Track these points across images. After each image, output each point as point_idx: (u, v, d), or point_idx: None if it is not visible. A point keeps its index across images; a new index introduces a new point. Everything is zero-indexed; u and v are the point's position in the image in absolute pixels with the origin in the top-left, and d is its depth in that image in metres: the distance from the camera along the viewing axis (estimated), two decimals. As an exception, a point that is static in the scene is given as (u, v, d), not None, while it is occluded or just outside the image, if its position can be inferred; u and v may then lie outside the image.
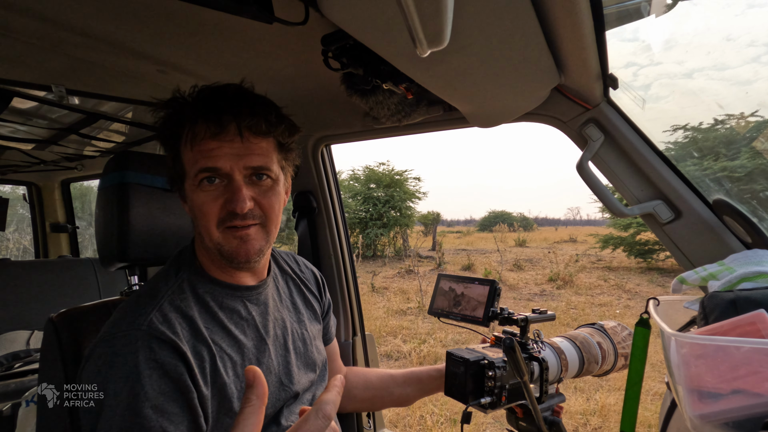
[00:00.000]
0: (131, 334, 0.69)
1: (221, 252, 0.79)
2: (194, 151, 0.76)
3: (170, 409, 0.67)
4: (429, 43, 0.41)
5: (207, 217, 0.77)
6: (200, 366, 0.73)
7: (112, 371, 0.66)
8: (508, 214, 31.64)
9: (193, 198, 0.78)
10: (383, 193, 14.12)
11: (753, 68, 1.54)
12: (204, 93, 0.79)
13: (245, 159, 0.76)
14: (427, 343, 5.64)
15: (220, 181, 0.76)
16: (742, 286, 0.66)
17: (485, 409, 0.83)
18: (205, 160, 0.74)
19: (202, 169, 0.75)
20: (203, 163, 0.75)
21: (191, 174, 0.77)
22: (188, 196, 0.79)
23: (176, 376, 0.69)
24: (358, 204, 14.02)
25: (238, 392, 0.77)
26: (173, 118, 0.79)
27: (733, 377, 0.51)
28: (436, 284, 1.06)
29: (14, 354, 1.94)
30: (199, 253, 0.86)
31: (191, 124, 0.76)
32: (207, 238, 0.79)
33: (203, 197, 0.76)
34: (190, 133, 0.76)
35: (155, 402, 0.66)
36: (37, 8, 0.77)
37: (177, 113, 0.78)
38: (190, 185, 0.78)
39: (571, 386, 4.27)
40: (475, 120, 1.11)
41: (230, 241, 0.78)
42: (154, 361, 0.68)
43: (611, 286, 8.89)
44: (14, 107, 1.40)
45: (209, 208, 0.76)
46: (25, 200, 3.12)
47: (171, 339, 0.70)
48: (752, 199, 1.22)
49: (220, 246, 0.78)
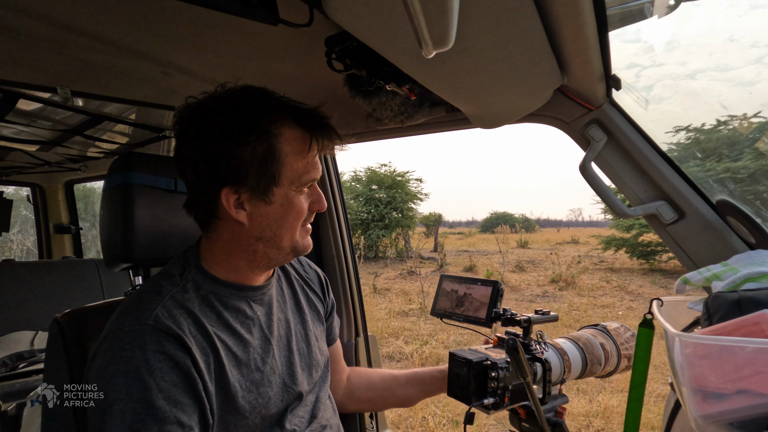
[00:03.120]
0: (138, 329, 0.69)
1: (296, 247, 0.86)
2: (310, 162, 0.82)
3: (182, 400, 0.68)
4: (434, 44, 0.41)
5: (301, 218, 0.84)
6: (205, 362, 0.74)
7: (121, 365, 0.67)
8: (510, 215, 31.57)
9: (294, 201, 0.82)
10: (385, 194, 14.12)
11: (756, 69, 1.54)
12: (312, 111, 0.83)
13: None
14: (429, 344, 5.63)
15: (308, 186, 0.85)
16: (746, 286, 0.66)
17: (488, 410, 0.83)
18: (315, 172, 0.83)
19: (314, 179, 0.84)
20: (315, 175, 0.83)
21: (299, 181, 0.81)
22: (278, 200, 0.80)
23: (185, 368, 0.70)
24: (360, 205, 14.03)
25: (241, 391, 0.77)
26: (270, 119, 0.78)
27: (737, 377, 0.51)
28: (439, 285, 1.06)
29: (18, 354, 1.95)
30: (211, 253, 0.85)
31: (317, 137, 0.81)
32: (289, 237, 0.84)
33: (303, 201, 0.84)
34: (314, 145, 0.81)
35: (167, 393, 0.66)
36: (42, 11, 0.77)
37: (284, 118, 0.79)
38: (288, 191, 0.81)
39: (574, 387, 4.26)
40: (478, 121, 1.11)
41: (304, 237, 0.87)
42: (163, 354, 0.68)
43: (614, 288, 8.87)
44: (19, 109, 1.41)
45: (305, 210, 0.84)
46: (29, 201, 3.13)
47: (177, 333, 0.71)
48: (756, 200, 1.21)
49: (297, 243, 0.85)
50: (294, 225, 0.83)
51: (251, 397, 0.78)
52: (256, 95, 0.80)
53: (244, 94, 0.79)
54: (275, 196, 0.80)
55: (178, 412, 0.67)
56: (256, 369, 0.81)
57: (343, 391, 1.16)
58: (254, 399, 0.79)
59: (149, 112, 1.55)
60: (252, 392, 0.79)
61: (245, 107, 0.77)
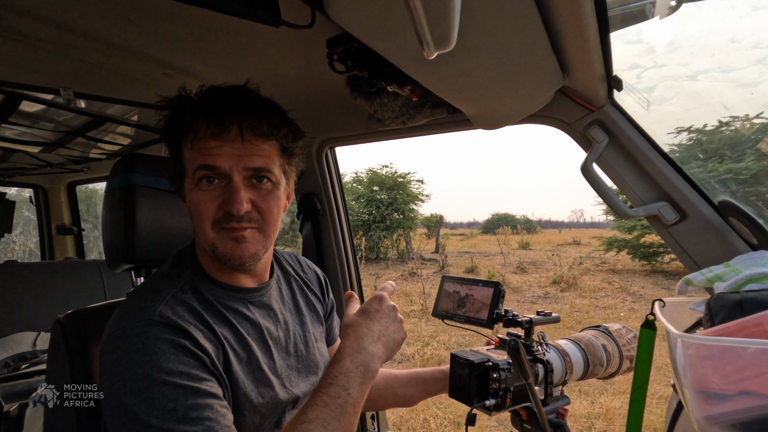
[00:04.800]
0: (144, 324, 0.69)
1: (215, 253, 0.78)
2: (194, 149, 0.76)
3: (204, 376, 0.68)
4: (436, 45, 0.41)
5: (203, 216, 0.76)
6: (215, 353, 0.74)
7: (136, 356, 0.66)
8: (511, 216, 31.53)
9: (190, 197, 0.78)
10: (386, 195, 14.12)
11: (758, 70, 1.54)
12: (208, 93, 0.79)
13: (245, 160, 0.76)
14: (430, 345, 5.62)
15: (218, 181, 0.76)
16: (748, 287, 0.66)
17: (489, 412, 0.83)
18: (204, 158, 0.74)
19: (201, 166, 0.75)
20: (202, 161, 0.75)
21: (190, 172, 0.77)
22: (186, 195, 0.80)
23: (197, 354, 0.70)
24: (362, 206, 14.03)
25: (243, 387, 0.77)
26: (176, 116, 0.79)
27: (740, 378, 0.51)
28: (440, 286, 1.06)
29: (21, 355, 1.96)
30: (199, 254, 0.86)
31: (193, 123, 0.76)
32: (202, 239, 0.79)
33: (200, 196, 0.76)
34: (192, 131, 0.76)
35: (189, 374, 0.67)
36: (45, 13, 0.78)
37: (180, 112, 0.78)
38: (188, 184, 0.78)
39: (576, 389, 4.24)
40: (479, 122, 1.11)
41: (225, 242, 0.77)
42: (175, 341, 0.68)
43: (615, 289, 8.85)
44: (22, 110, 1.42)
45: (206, 208, 0.76)
46: (32, 203, 3.14)
47: (183, 327, 0.71)
48: (758, 200, 1.21)
49: (214, 246, 0.78)
50: (199, 224, 0.78)
51: (253, 395, 0.78)
52: (201, 93, 0.80)
53: (196, 94, 0.80)
54: (184, 191, 0.81)
55: (204, 385, 0.67)
56: (257, 368, 0.81)
57: (343, 392, 1.15)
58: (255, 398, 0.79)
59: (151, 113, 1.56)
60: (253, 390, 0.79)
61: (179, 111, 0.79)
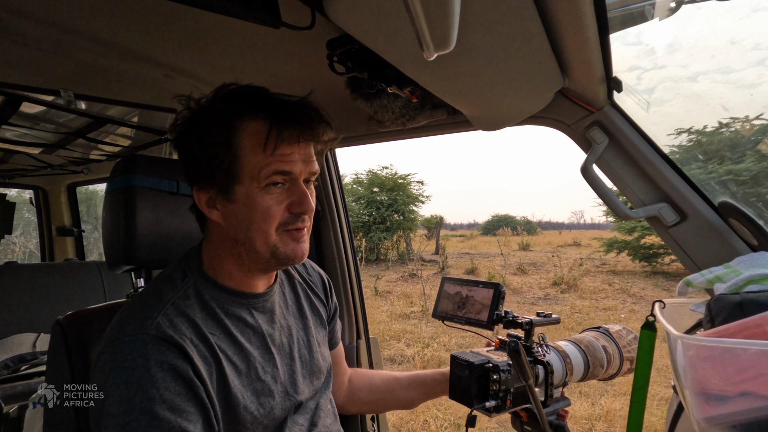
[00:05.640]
0: (139, 338, 0.69)
1: (276, 254, 0.79)
2: (267, 153, 0.74)
3: (187, 408, 0.68)
4: (436, 46, 0.41)
5: (270, 219, 0.76)
6: (207, 371, 0.73)
7: (123, 376, 0.66)
8: (511, 217, 31.53)
9: (254, 201, 0.76)
10: (386, 196, 14.13)
11: (758, 71, 1.55)
12: (268, 95, 0.78)
13: (309, 165, 0.79)
14: (430, 347, 5.61)
15: (282, 185, 0.77)
16: (748, 288, 0.66)
17: (490, 413, 0.83)
18: (281, 164, 0.75)
19: (278, 172, 0.75)
20: (279, 167, 0.75)
21: (260, 176, 0.75)
22: (240, 199, 0.76)
23: (188, 377, 0.69)
24: (362, 208, 14.04)
25: (243, 401, 0.76)
26: (238, 117, 0.76)
27: (740, 380, 0.51)
28: (441, 287, 1.06)
29: (20, 356, 1.96)
30: (211, 257, 0.84)
31: (270, 128, 0.74)
32: (261, 242, 0.78)
33: (269, 200, 0.76)
34: (267, 136, 0.74)
35: (171, 403, 0.66)
36: (46, 15, 0.78)
37: (246, 114, 0.76)
38: (250, 188, 0.75)
39: (576, 390, 4.24)
40: (479, 123, 1.11)
41: (288, 243, 0.79)
42: (166, 364, 0.68)
43: (616, 290, 8.84)
44: (23, 112, 1.42)
45: (275, 211, 0.76)
46: (32, 204, 3.14)
47: (179, 343, 0.70)
48: (758, 202, 1.21)
49: (275, 248, 0.78)
50: (262, 227, 0.77)
51: (253, 407, 0.77)
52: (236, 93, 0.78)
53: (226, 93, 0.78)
54: (237, 195, 0.77)
55: (184, 421, 0.66)
56: (257, 379, 0.80)
57: (344, 394, 1.15)
58: (256, 409, 0.78)
59: (151, 114, 1.56)
60: (254, 402, 0.78)
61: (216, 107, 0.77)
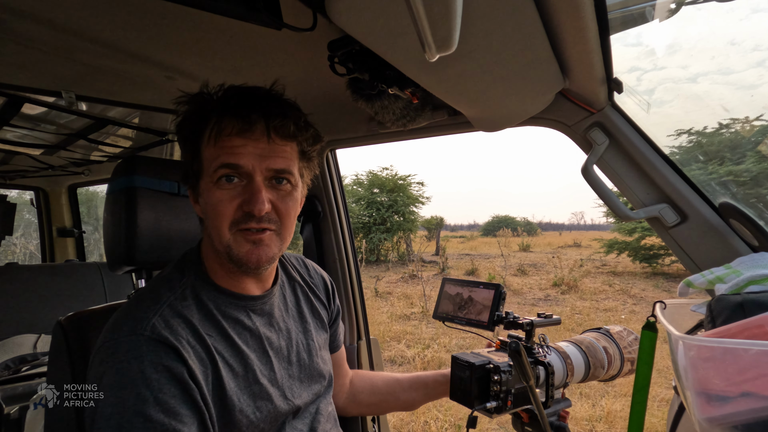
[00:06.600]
0: (134, 339, 0.68)
1: (230, 255, 0.76)
2: (217, 146, 0.73)
3: (181, 411, 0.67)
4: (438, 47, 0.41)
5: (221, 216, 0.74)
6: (203, 373, 0.72)
7: (117, 377, 0.66)
8: (511, 218, 31.52)
9: (208, 196, 0.75)
10: (387, 197, 14.13)
11: (758, 72, 1.55)
12: (232, 91, 0.77)
13: (269, 160, 0.75)
14: (431, 348, 5.61)
15: (239, 180, 0.74)
16: (749, 289, 0.66)
17: (490, 414, 0.83)
18: (227, 156, 0.72)
19: (224, 164, 0.72)
20: (225, 159, 0.72)
21: (210, 170, 0.74)
22: (202, 194, 0.77)
23: (183, 379, 0.69)
24: (362, 209, 14.03)
25: (239, 404, 0.75)
26: (198, 112, 0.77)
27: (741, 380, 0.51)
28: (441, 288, 1.06)
29: (21, 357, 1.95)
30: (205, 257, 0.84)
31: (218, 119, 0.74)
32: (217, 240, 0.76)
33: (219, 195, 0.74)
34: (216, 128, 0.73)
35: (165, 405, 0.66)
36: (47, 16, 0.78)
37: (202, 108, 0.77)
38: (206, 183, 0.75)
39: (577, 392, 4.23)
40: (480, 124, 1.11)
41: (242, 245, 0.75)
42: (161, 365, 0.67)
43: (616, 291, 8.83)
44: (24, 113, 1.42)
45: (224, 208, 0.73)
46: (33, 205, 3.14)
47: (174, 344, 0.70)
48: (758, 202, 1.21)
49: (230, 249, 0.75)
50: (215, 224, 0.75)
51: (249, 410, 0.76)
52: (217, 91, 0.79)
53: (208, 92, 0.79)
54: (201, 189, 0.78)
55: (177, 423, 0.66)
56: (254, 382, 0.79)
57: (346, 395, 1.15)
58: (252, 413, 0.77)
59: (152, 116, 1.56)
60: (250, 406, 0.77)
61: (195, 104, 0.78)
